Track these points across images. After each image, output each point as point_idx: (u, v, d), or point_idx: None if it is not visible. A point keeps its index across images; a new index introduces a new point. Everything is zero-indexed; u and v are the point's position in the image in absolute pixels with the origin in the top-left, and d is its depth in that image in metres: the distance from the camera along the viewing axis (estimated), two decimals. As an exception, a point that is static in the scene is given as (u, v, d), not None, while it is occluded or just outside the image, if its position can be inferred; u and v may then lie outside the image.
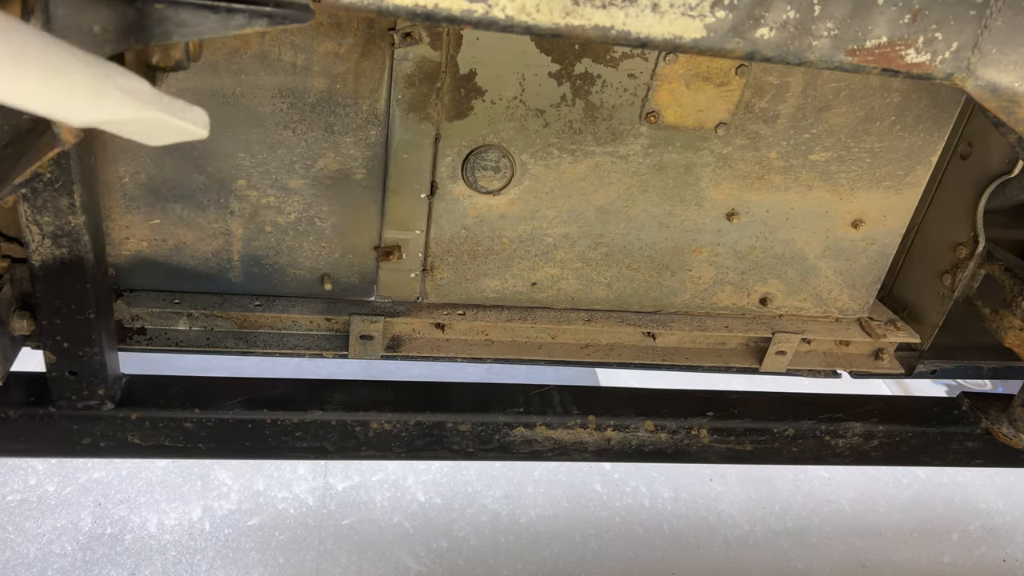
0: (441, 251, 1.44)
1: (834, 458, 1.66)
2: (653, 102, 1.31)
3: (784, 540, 2.72)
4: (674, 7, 0.78)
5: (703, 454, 1.61)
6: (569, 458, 1.58)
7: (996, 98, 0.91)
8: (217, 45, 1.17)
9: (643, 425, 1.54)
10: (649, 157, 1.38)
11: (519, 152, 1.34)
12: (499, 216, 1.41)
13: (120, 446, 1.40)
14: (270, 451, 1.46)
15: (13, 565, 2.19)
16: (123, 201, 1.29)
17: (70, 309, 1.21)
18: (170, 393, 1.41)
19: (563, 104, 1.30)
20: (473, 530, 2.55)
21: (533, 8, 0.76)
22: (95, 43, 0.64)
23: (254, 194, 1.31)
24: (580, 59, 1.26)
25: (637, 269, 1.51)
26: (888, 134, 1.41)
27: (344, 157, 1.30)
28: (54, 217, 1.13)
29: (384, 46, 1.21)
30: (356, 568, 2.36)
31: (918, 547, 2.79)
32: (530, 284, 1.50)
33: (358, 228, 1.38)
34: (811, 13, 0.82)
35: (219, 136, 1.25)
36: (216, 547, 2.35)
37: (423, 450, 1.51)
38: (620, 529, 2.65)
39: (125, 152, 1.25)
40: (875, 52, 0.85)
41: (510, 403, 1.52)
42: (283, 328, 1.46)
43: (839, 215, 1.50)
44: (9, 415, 1.33)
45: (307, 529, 2.45)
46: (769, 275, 1.56)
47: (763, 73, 1.32)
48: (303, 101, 1.24)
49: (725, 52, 0.83)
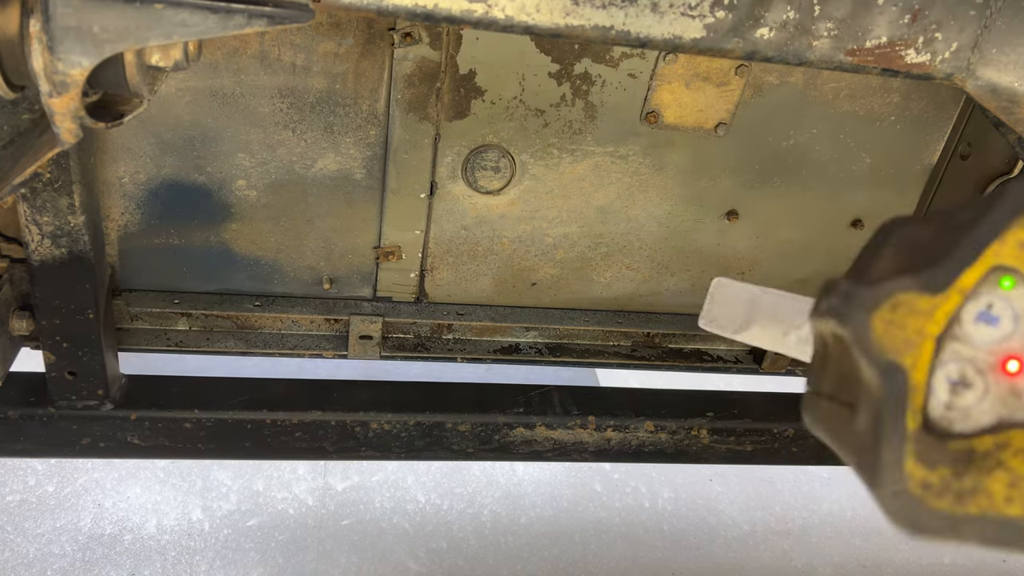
0: (441, 251, 1.43)
1: (834, 458, 1.65)
2: (653, 102, 1.31)
3: (784, 540, 2.72)
4: (674, 7, 0.78)
5: (703, 454, 1.60)
6: (569, 458, 1.58)
7: (996, 98, 0.90)
8: (217, 45, 1.17)
9: (643, 425, 1.54)
10: (649, 157, 1.38)
11: (519, 152, 1.34)
12: (499, 216, 1.41)
13: (120, 446, 1.39)
14: (270, 451, 1.45)
15: (13, 565, 2.19)
16: (123, 201, 1.29)
17: (70, 309, 1.21)
18: (170, 393, 1.41)
19: (563, 104, 1.30)
20: (473, 530, 2.55)
21: (533, 8, 0.75)
22: (95, 43, 0.64)
23: (254, 194, 1.31)
24: (580, 59, 1.26)
25: (637, 269, 1.51)
26: (888, 134, 1.41)
27: (344, 157, 1.30)
28: (54, 217, 1.13)
29: (384, 46, 1.20)
30: (356, 568, 2.35)
31: (918, 547, 2.79)
32: (530, 284, 1.50)
33: (358, 228, 1.38)
34: (811, 13, 0.82)
35: (219, 136, 1.25)
36: (215, 547, 2.35)
37: (423, 450, 1.51)
38: (620, 529, 2.65)
39: (125, 152, 1.25)
40: (875, 52, 0.85)
41: (510, 403, 1.52)
42: (283, 328, 1.46)
43: (839, 215, 1.50)
44: (9, 415, 1.33)
45: (307, 529, 2.45)
46: (769, 275, 1.56)
47: (763, 73, 1.32)
48: (303, 101, 1.23)
49: (725, 52, 0.83)
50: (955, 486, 0.40)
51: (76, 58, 0.64)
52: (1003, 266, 0.40)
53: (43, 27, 0.63)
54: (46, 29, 0.63)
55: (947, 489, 0.40)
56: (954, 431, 0.41)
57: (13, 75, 0.68)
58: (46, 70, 0.64)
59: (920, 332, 0.41)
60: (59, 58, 0.64)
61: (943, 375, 0.41)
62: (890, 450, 0.40)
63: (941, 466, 0.40)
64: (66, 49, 0.64)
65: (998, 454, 0.40)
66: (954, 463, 0.40)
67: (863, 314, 0.41)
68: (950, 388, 0.41)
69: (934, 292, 0.40)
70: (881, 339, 0.41)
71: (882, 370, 0.41)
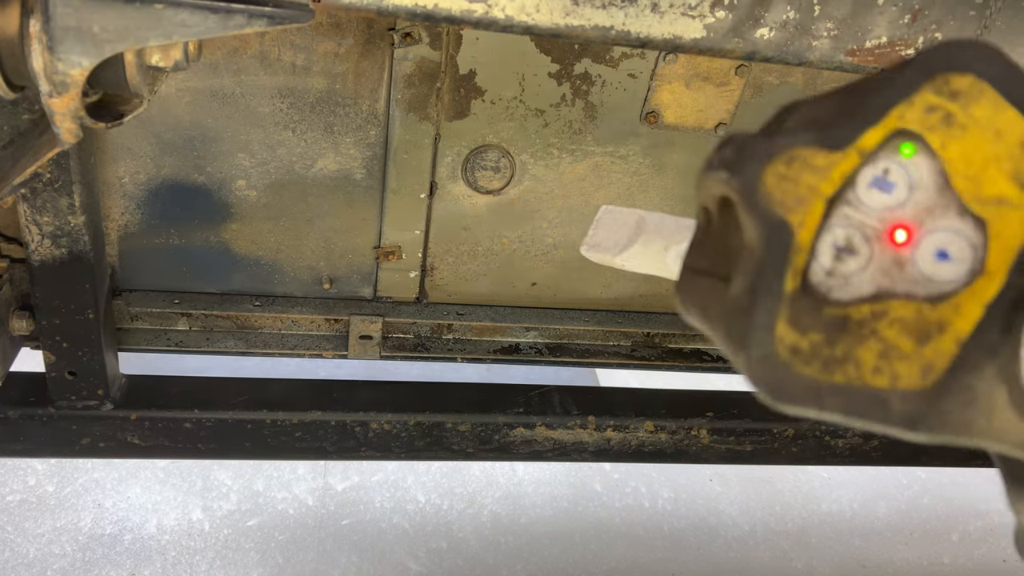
0: (441, 251, 1.43)
1: (834, 458, 1.66)
2: (653, 102, 1.31)
3: (784, 540, 2.72)
4: (674, 7, 0.78)
5: (703, 454, 1.61)
6: (569, 458, 1.58)
7: (996, 98, 0.90)
8: (217, 45, 1.17)
9: (643, 425, 1.54)
10: (649, 157, 1.38)
11: (519, 152, 1.34)
12: (499, 216, 1.41)
13: (120, 446, 1.39)
14: (270, 451, 1.45)
15: (13, 565, 2.19)
16: (123, 201, 1.29)
17: (70, 309, 1.21)
18: (170, 393, 1.41)
19: (563, 104, 1.30)
20: (473, 530, 2.55)
21: (533, 8, 0.75)
22: (95, 43, 0.64)
23: (254, 194, 1.31)
24: (580, 59, 1.26)
25: (637, 269, 1.51)
26: (888, 134, 1.41)
27: (344, 157, 1.30)
28: (54, 217, 1.13)
29: (384, 46, 1.20)
30: (356, 568, 2.35)
31: (918, 547, 2.79)
32: (530, 284, 1.50)
33: (358, 228, 1.38)
34: (811, 13, 0.82)
35: (219, 136, 1.25)
36: (215, 547, 2.35)
37: (423, 450, 1.51)
38: (620, 529, 2.65)
39: (125, 152, 1.25)
40: (875, 52, 0.85)
41: (510, 403, 1.52)
42: (283, 328, 1.46)
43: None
44: (9, 415, 1.33)
45: (307, 529, 2.45)
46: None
47: (763, 73, 1.32)
48: (303, 101, 1.23)
49: (725, 52, 0.83)
50: (825, 353, 0.38)
51: (76, 58, 0.64)
52: (906, 130, 0.39)
53: (43, 27, 0.63)
54: (46, 29, 0.63)
55: (816, 356, 0.38)
56: (831, 298, 0.39)
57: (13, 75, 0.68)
58: (46, 70, 0.64)
59: (813, 190, 0.39)
60: (59, 58, 0.64)
61: (829, 239, 0.39)
62: (763, 310, 0.38)
63: (813, 332, 0.38)
64: (66, 49, 0.64)
65: (873, 323, 0.38)
66: (827, 330, 0.38)
67: (756, 166, 0.39)
68: (834, 254, 0.39)
69: (832, 149, 0.39)
70: (771, 193, 0.39)
71: (767, 225, 0.39)
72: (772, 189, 0.39)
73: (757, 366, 0.39)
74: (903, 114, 0.39)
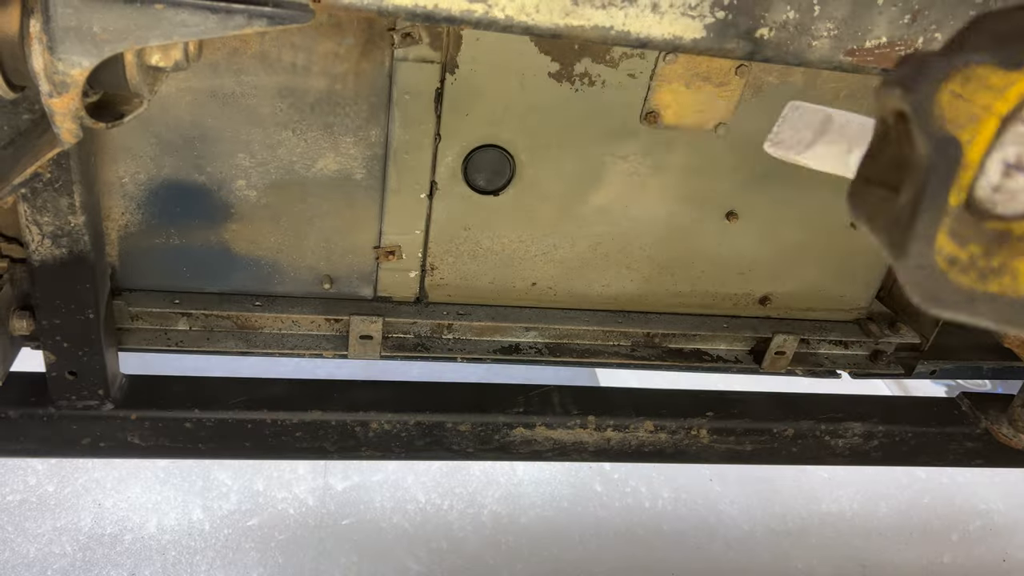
0: (441, 251, 1.44)
1: (834, 458, 1.66)
2: (653, 102, 1.31)
3: (784, 540, 2.72)
4: (674, 7, 0.78)
5: (703, 454, 1.61)
6: (569, 458, 1.58)
7: (996, 98, 0.90)
8: (217, 45, 1.17)
9: (643, 425, 1.54)
10: (649, 157, 1.38)
11: (519, 152, 1.34)
12: (499, 216, 1.41)
13: (120, 446, 1.39)
14: (270, 451, 1.46)
15: (13, 565, 2.19)
16: (123, 201, 1.29)
17: (70, 309, 1.21)
18: (170, 393, 1.41)
19: (563, 104, 1.30)
20: (473, 530, 2.55)
21: (533, 8, 0.76)
22: (95, 43, 0.65)
23: (254, 194, 1.31)
24: (580, 59, 1.26)
25: (637, 269, 1.51)
26: (888, 134, 1.41)
27: (344, 157, 1.30)
28: (54, 217, 1.13)
29: (384, 46, 1.21)
30: (356, 568, 2.36)
31: (918, 547, 2.79)
32: (530, 284, 1.50)
33: (358, 228, 1.38)
34: (811, 13, 0.82)
35: (219, 136, 1.25)
36: (216, 547, 2.35)
37: (423, 450, 1.51)
38: (620, 529, 2.65)
39: (125, 152, 1.25)
40: (875, 52, 0.85)
41: (510, 403, 1.52)
42: (283, 328, 1.46)
43: (838, 215, 1.50)
44: (9, 415, 1.33)
45: (307, 529, 2.45)
46: (769, 275, 1.56)
47: (763, 73, 1.32)
48: (303, 101, 1.24)
49: (725, 52, 0.83)
50: (981, 264, 0.40)
51: (76, 58, 0.65)
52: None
53: (43, 27, 0.63)
54: (46, 29, 0.63)
55: (972, 266, 0.40)
56: (995, 213, 0.40)
57: (13, 75, 0.69)
58: (46, 70, 0.64)
59: (987, 108, 0.39)
60: (59, 58, 0.64)
61: (1000, 156, 0.40)
62: (925, 222, 0.40)
63: (972, 244, 0.40)
64: (66, 49, 0.64)
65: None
66: (987, 243, 0.40)
67: (931, 84, 0.40)
68: (1004, 170, 0.40)
69: (1011, 68, 0.39)
70: (944, 112, 0.40)
71: (937, 142, 0.39)
72: (945, 107, 0.40)
73: (913, 272, 0.40)
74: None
